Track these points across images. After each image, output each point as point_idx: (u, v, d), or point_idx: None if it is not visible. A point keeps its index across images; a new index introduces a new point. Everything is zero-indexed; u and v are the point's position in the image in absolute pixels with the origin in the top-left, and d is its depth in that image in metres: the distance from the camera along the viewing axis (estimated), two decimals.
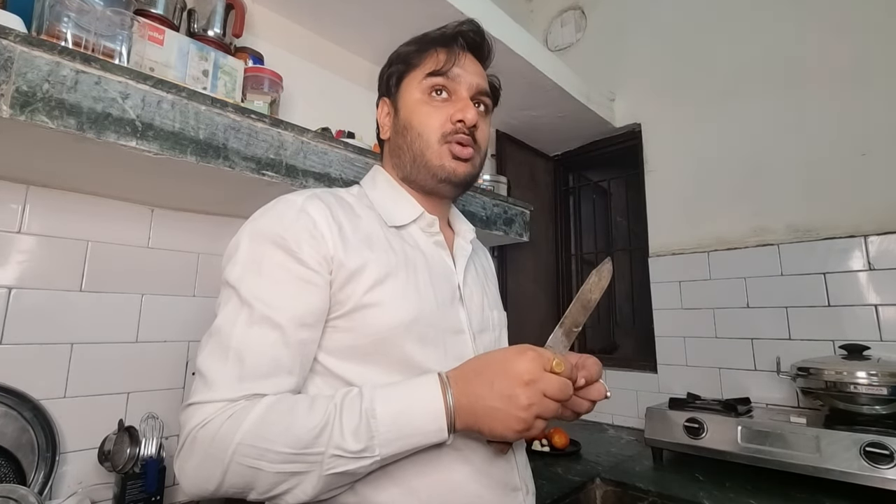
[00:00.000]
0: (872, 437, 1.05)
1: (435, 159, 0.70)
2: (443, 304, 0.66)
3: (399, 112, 0.73)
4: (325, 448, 0.50)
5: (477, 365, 0.57)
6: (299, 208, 0.61)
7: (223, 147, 0.87)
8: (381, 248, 0.64)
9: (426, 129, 0.70)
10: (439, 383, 0.55)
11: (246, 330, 0.55)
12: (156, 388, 1.08)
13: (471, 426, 0.54)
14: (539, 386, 0.53)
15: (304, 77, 1.38)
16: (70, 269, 0.99)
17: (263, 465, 0.49)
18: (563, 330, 0.62)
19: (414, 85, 0.72)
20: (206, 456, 0.51)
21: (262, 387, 0.54)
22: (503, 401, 0.52)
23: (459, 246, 0.77)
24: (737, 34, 1.76)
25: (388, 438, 0.51)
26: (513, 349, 0.57)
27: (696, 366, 1.71)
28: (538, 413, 0.53)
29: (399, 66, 0.75)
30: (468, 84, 0.72)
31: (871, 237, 1.41)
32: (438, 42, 0.73)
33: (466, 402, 0.54)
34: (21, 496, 0.75)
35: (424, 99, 0.71)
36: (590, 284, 0.64)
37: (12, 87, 0.65)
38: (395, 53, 0.77)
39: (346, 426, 0.51)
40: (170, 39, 0.95)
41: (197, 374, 0.55)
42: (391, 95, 0.76)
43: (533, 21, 2.42)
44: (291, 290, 0.57)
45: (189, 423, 0.52)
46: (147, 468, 0.95)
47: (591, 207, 2.38)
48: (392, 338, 0.60)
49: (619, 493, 1.25)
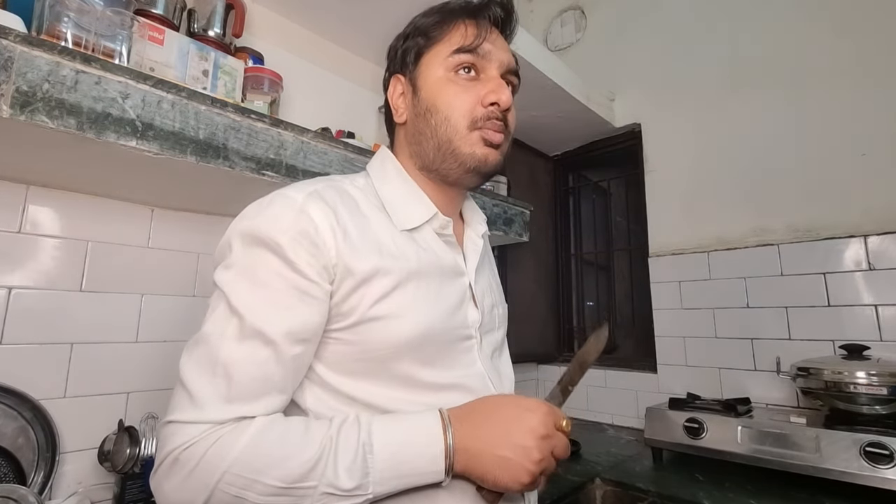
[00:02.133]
0: (872, 437, 1.05)
1: (465, 146, 0.63)
2: (453, 311, 0.62)
3: (419, 92, 0.65)
4: (318, 483, 0.47)
5: (486, 409, 0.55)
6: (299, 209, 0.55)
7: (223, 147, 0.87)
8: (391, 255, 0.58)
9: (454, 113, 0.62)
10: (440, 423, 0.52)
11: (236, 344, 0.51)
12: (156, 388, 1.08)
13: (471, 471, 0.52)
14: (552, 442, 0.53)
15: (304, 77, 1.38)
16: (70, 269, 0.99)
17: (250, 495, 0.47)
18: (560, 387, 0.64)
19: (438, 61, 0.64)
20: (189, 480, 0.47)
21: (251, 409, 0.50)
22: (516, 451, 0.51)
23: (470, 240, 0.72)
24: (737, 34, 1.76)
25: (383, 477, 0.49)
26: (528, 401, 0.56)
27: (695, 366, 1.71)
28: (544, 468, 0.52)
29: (418, 40, 0.66)
30: (499, 61, 0.65)
31: (871, 237, 1.41)
32: (465, 13, 0.66)
33: (473, 446, 0.52)
34: (21, 496, 0.75)
35: (450, 77, 0.64)
36: (588, 347, 0.66)
37: (12, 86, 0.65)
38: (411, 25, 0.69)
39: (341, 462, 0.48)
40: (170, 39, 0.95)
41: (180, 385, 0.51)
42: (407, 72, 0.68)
43: (533, 21, 2.42)
44: (287, 302, 0.52)
45: (171, 443, 0.48)
46: (147, 468, 0.95)
47: (590, 207, 2.38)
48: (396, 355, 0.56)
49: (619, 493, 1.25)
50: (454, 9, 0.66)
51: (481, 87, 0.64)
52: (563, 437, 0.54)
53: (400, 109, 0.69)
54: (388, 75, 0.72)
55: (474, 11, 0.66)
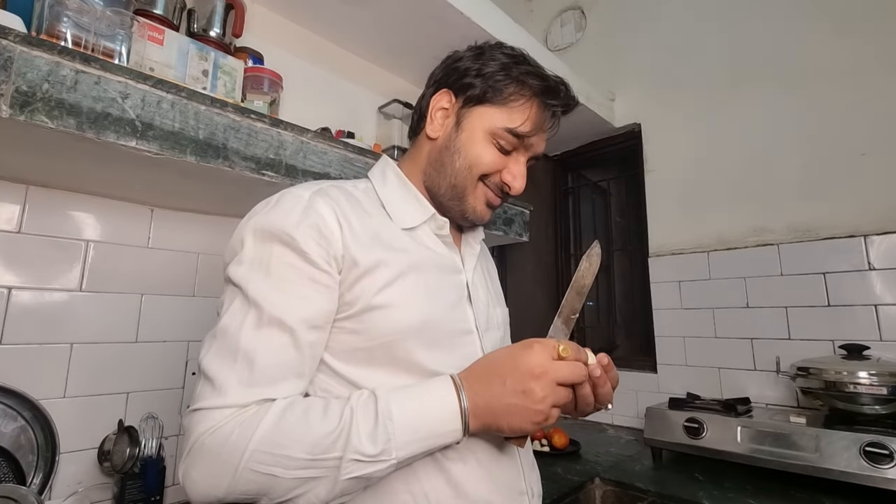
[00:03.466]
0: (872, 436, 1.05)
1: (471, 199, 0.68)
2: (452, 305, 0.66)
3: (460, 130, 0.68)
4: (343, 452, 0.49)
5: (485, 364, 0.57)
6: (307, 204, 0.58)
7: (223, 147, 0.87)
8: (392, 248, 0.62)
9: (477, 166, 0.67)
10: (453, 385, 0.55)
11: (255, 332, 0.53)
12: (155, 388, 1.08)
13: (489, 425, 0.54)
14: (550, 376, 0.54)
15: (304, 77, 1.39)
16: (70, 269, 0.99)
17: (278, 471, 0.48)
18: (562, 319, 0.64)
19: (489, 121, 0.67)
20: (216, 463, 0.49)
21: (272, 392, 0.53)
22: (518, 396, 0.53)
23: (468, 243, 0.76)
24: (737, 34, 1.76)
25: (404, 441, 0.51)
26: (518, 345, 0.58)
27: (695, 366, 1.71)
28: (553, 402, 0.54)
29: (484, 86, 0.67)
30: (534, 151, 0.70)
31: (872, 237, 1.41)
32: (541, 94, 0.68)
33: (482, 402, 0.54)
34: (21, 496, 0.75)
35: (491, 140, 0.67)
36: (582, 270, 0.65)
37: (12, 87, 0.65)
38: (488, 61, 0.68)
39: (363, 430, 0.50)
40: (170, 39, 0.95)
41: (202, 376, 0.54)
42: (460, 99, 0.69)
43: (533, 21, 2.42)
44: (301, 291, 0.55)
45: (197, 429, 0.51)
46: (146, 468, 0.95)
47: (590, 207, 2.38)
48: (400, 341, 0.59)
49: (619, 493, 1.25)
50: (534, 85, 0.67)
51: (508, 162, 0.68)
52: (562, 366, 0.55)
53: (436, 124, 0.70)
54: (440, 85, 0.71)
55: (544, 98, 0.68)
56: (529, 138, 0.67)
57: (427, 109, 0.71)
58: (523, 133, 0.66)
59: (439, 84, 0.71)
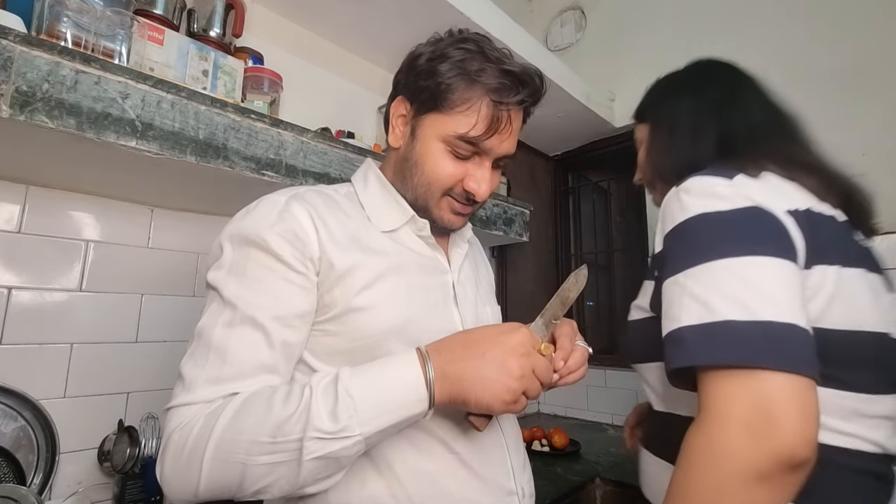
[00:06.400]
0: None
1: (436, 211, 0.67)
2: (435, 306, 0.66)
3: (415, 141, 0.66)
4: (304, 433, 0.48)
5: (465, 338, 0.56)
6: (282, 208, 0.59)
7: (223, 147, 0.87)
8: (371, 251, 0.62)
9: (435, 184, 0.65)
10: (417, 355, 0.53)
11: (227, 330, 0.54)
12: (156, 388, 1.08)
13: (455, 396, 0.52)
14: (531, 360, 0.54)
15: (304, 77, 1.39)
16: (70, 269, 0.99)
17: (245, 458, 0.48)
18: (544, 321, 0.65)
19: (439, 130, 0.63)
20: (184, 456, 0.49)
21: (241, 386, 0.53)
22: (495, 369, 0.52)
23: (455, 242, 0.76)
24: (736, 34, 1.75)
25: (367, 416, 0.49)
26: (505, 325, 0.58)
27: None
28: (526, 388, 0.53)
29: (434, 90, 0.63)
30: (496, 154, 0.66)
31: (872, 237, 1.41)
32: (490, 93, 0.62)
33: (453, 371, 0.52)
34: (21, 496, 0.75)
35: (446, 149, 0.64)
36: (569, 283, 0.66)
37: (12, 87, 0.65)
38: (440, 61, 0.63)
39: (323, 408, 0.49)
40: (170, 39, 0.95)
41: (178, 377, 0.55)
42: (414, 106, 0.66)
43: (533, 21, 2.42)
44: (275, 291, 0.56)
45: (168, 427, 0.52)
46: (147, 468, 0.95)
47: (590, 207, 2.38)
48: (382, 342, 0.59)
49: (619, 493, 1.25)
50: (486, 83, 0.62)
51: (470, 168, 0.65)
52: (542, 359, 0.55)
53: (397, 133, 0.69)
54: (397, 91, 0.69)
55: (497, 96, 0.62)
56: (484, 142, 0.63)
57: (389, 117, 0.70)
58: (474, 138, 0.63)
59: (397, 89, 0.70)
